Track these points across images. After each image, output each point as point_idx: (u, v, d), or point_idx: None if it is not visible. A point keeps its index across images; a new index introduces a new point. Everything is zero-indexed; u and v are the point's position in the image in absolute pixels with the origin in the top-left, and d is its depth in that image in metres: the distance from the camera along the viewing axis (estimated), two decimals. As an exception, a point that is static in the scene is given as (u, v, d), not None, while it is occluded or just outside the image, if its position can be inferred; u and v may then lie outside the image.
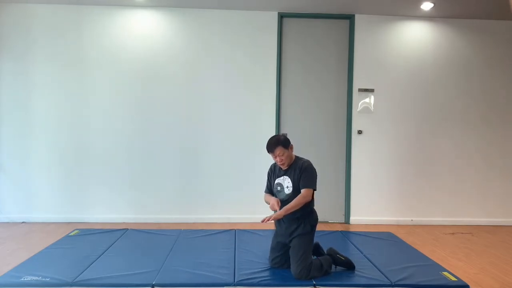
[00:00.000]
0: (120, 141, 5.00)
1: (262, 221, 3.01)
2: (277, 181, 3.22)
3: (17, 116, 4.94)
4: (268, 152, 3.16)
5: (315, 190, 3.15)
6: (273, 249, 3.26)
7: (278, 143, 3.11)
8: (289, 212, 3.03)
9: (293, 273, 3.02)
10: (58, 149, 4.97)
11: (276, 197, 3.22)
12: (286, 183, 3.16)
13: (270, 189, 3.31)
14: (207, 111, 5.05)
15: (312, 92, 5.18)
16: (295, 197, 3.09)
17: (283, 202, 3.15)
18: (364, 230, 4.58)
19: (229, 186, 5.08)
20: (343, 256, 3.22)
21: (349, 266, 3.20)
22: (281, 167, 3.18)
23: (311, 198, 3.12)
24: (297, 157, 3.23)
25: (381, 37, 5.14)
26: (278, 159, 3.13)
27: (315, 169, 3.17)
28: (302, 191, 3.08)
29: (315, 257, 3.21)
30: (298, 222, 3.13)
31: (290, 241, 3.14)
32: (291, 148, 3.18)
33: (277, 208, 3.07)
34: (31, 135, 4.96)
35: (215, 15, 5.03)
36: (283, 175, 3.19)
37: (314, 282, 2.95)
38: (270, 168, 3.34)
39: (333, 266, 3.18)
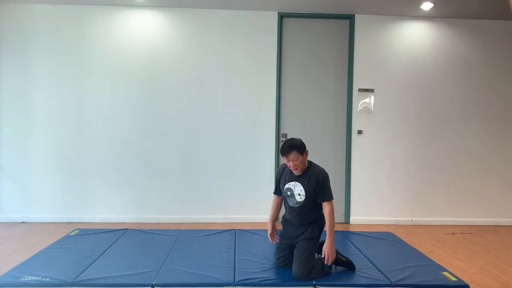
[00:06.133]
0: (120, 141, 5.00)
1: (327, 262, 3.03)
2: (287, 185, 3.15)
3: (17, 116, 4.94)
4: (281, 155, 3.07)
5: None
6: (279, 248, 3.24)
7: (293, 147, 2.99)
8: (333, 232, 3.03)
9: (293, 273, 3.02)
10: (58, 149, 4.97)
11: (286, 202, 3.20)
12: (297, 190, 3.09)
13: (278, 190, 3.27)
14: (207, 111, 5.05)
15: (312, 92, 5.18)
16: (307, 205, 3.08)
17: (294, 209, 3.14)
18: (364, 230, 4.58)
19: (229, 186, 5.07)
20: (343, 256, 3.22)
21: (350, 266, 3.20)
22: (294, 172, 3.09)
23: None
24: (310, 163, 3.13)
25: (381, 37, 5.14)
26: (291, 163, 3.01)
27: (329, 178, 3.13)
28: (326, 205, 3.05)
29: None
30: (307, 226, 3.13)
31: (296, 242, 3.14)
32: (306, 154, 3.07)
33: (272, 240, 3.26)
34: (31, 135, 4.96)
35: (215, 15, 5.03)
36: (294, 180, 3.12)
37: (314, 282, 2.95)
38: (280, 169, 3.26)
39: (333, 266, 3.18)
